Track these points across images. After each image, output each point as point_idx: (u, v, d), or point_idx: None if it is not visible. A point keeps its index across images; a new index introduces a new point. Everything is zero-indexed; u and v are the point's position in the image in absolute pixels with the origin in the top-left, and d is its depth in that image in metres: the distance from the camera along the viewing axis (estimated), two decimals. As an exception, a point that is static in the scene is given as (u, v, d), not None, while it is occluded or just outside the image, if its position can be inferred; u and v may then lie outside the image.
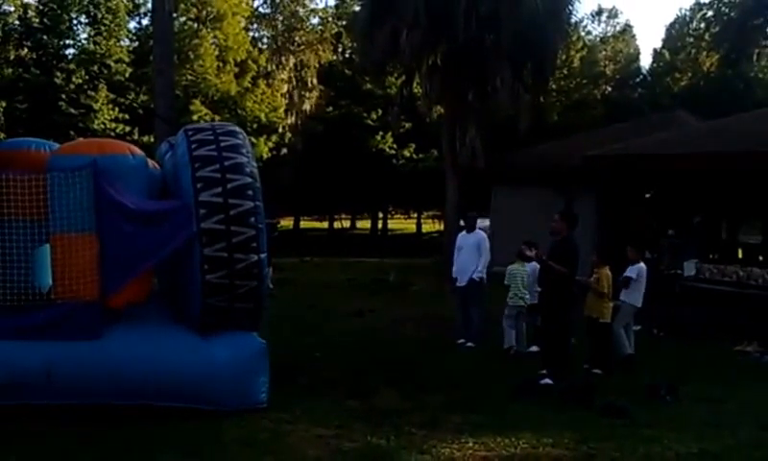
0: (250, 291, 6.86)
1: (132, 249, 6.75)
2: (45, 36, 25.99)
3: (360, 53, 26.05)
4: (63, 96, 24.99)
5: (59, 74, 25.30)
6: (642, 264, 10.22)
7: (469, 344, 10.35)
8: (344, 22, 35.62)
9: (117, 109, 26.08)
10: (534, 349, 9.64)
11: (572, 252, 8.39)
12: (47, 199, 6.68)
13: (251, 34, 34.63)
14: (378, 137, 33.20)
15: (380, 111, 32.69)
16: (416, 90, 23.99)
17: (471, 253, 10.62)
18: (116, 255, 6.69)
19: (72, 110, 24.94)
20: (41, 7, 25.99)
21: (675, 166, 12.76)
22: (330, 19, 36.29)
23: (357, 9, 29.88)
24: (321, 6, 53.10)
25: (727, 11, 37.04)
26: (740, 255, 14.92)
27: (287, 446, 6.09)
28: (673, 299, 11.77)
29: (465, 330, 10.56)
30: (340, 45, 36.77)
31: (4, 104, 23.86)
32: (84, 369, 6.49)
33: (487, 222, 24.56)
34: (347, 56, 36.82)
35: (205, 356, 6.79)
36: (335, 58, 36.16)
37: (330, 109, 34.45)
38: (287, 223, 33.37)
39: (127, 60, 26.94)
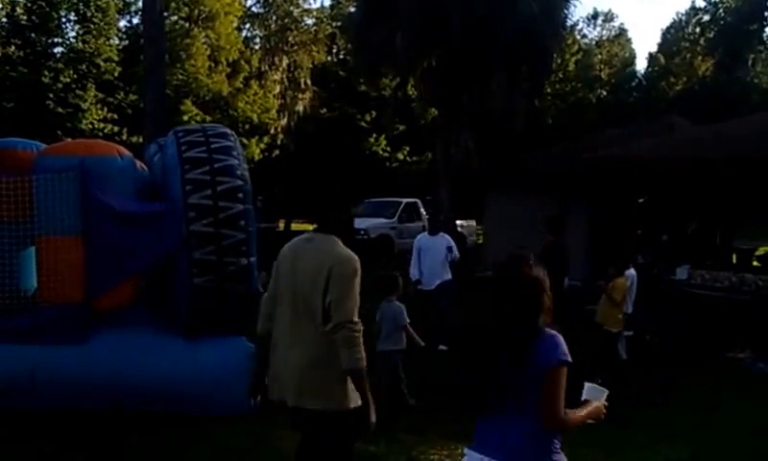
0: (239, 295, 6.78)
1: (120, 251, 6.66)
2: (33, 34, 25.75)
3: (354, 54, 26.01)
4: (51, 95, 24.80)
5: (46, 73, 25.09)
6: (633, 270, 10.18)
7: (442, 347, 10.08)
8: (338, 23, 35.52)
9: (106, 108, 25.95)
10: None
11: (563, 256, 8.36)
12: (33, 200, 6.61)
13: (243, 33, 34.54)
14: (372, 140, 33.14)
15: (374, 113, 32.63)
16: (410, 92, 23.95)
17: (439, 255, 10.48)
18: (103, 258, 6.60)
19: (60, 110, 24.77)
20: (30, 4, 25.74)
21: (670, 171, 12.71)
22: (324, 20, 36.17)
23: (352, 10, 29.82)
24: (315, 6, 53.14)
25: (723, 15, 37.24)
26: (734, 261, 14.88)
27: (275, 451, 6.01)
28: (666, 304, 11.73)
29: (436, 334, 10.25)
30: (334, 46, 36.66)
31: (-10, 102, 23.72)
32: (69, 373, 6.40)
33: (472, 222, 24.49)
34: (341, 57, 36.72)
35: (193, 360, 6.70)
36: (329, 59, 36.06)
37: (324, 110, 34.36)
38: (279, 225, 33.19)
39: (116, 58, 26.77)
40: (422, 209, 23.20)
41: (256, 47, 34.64)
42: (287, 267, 3.90)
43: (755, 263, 14.64)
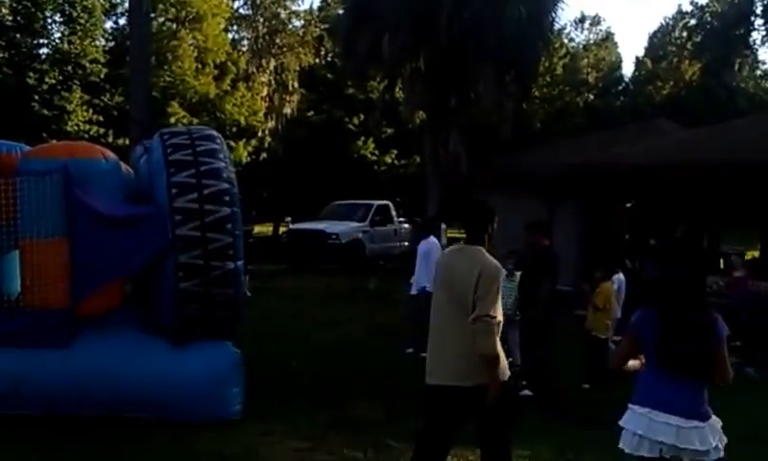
0: (226, 299, 6.73)
1: (104, 255, 6.58)
2: (18, 35, 25.46)
3: (342, 57, 25.98)
4: (36, 97, 24.55)
5: (31, 74, 24.81)
6: (621, 275, 10.18)
7: (409, 350, 9.98)
8: (326, 26, 35.43)
9: (91, 110, 25.72)
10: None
11: (554, 263, 8.32)
12: (16, 203, 6.52)
13: (231, 35, 34.35)
14: (360, 143, 33.06)
15: (362, 116, 32.57)
16: (398, 95, 23.92)
17: (420, 262, 10.33)
18: (87, 261, 6.52)
19: (45, 112, 24.52)
20: (15, 5, 25.43)
21: (657, 175, 12.74)
22: (312, 22, 36.06)
23: (340, 12, 29.77)
24: (303, 8, 53.03)
25: (709, 20, 37.49)
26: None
27: (261, 459, 5.98)
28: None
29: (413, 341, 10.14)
30: (322, 49, 36.53)
31: (-26, 104, 23.44)
32: (53, 378, 6.33)
33: (442, 226, 24.26)
34: (328, 60, 36.62)
35: (178, 366, 6.64)
36: (316, 61, 35.93)
37: (311, 113, 34.24)
38: (266, 228, 33.05)
39: (102, 60, 26.52)
40: (394, 212, 22.81)
41: (244, 49, 34.46)
42: (446, 272, 4.72)
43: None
